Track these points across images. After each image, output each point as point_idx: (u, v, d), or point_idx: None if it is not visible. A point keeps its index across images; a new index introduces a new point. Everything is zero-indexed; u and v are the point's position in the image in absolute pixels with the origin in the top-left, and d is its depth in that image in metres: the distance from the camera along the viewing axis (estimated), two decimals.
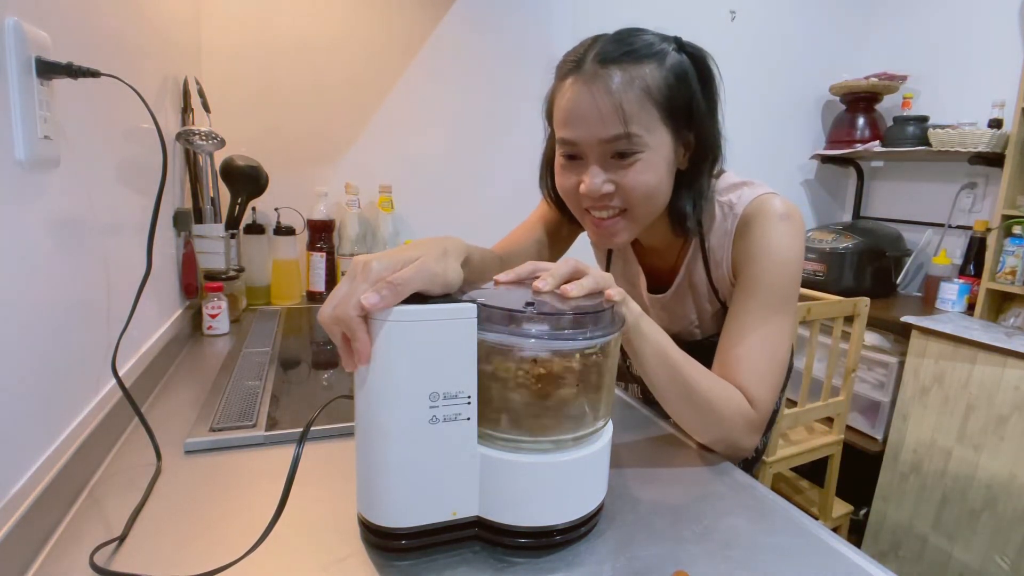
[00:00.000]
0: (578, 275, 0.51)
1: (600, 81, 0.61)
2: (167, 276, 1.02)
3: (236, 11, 1.39)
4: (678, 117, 0.64)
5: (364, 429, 0.46)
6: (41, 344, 0.52)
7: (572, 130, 0.63)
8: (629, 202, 0.65)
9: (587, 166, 0.64)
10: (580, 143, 0.64)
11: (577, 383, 0.47)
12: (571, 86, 0.63)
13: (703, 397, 0.61)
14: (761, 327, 0.65)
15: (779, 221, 0.66)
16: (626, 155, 0.63)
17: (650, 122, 0.62)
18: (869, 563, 0.49)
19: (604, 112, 0.61)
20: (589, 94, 0.61)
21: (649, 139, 0.62)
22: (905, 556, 1.71)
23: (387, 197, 1.52)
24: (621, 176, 0.63)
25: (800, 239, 0.67)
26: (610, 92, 0.60)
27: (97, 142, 0.68)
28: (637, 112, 0.61)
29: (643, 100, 0.61)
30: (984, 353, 1.53)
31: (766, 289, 0.66)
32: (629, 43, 0.63)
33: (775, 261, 0.66)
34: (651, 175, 0.64)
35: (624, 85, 0.61)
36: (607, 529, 0.53)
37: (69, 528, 0.50)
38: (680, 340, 0.86)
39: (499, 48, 1.69)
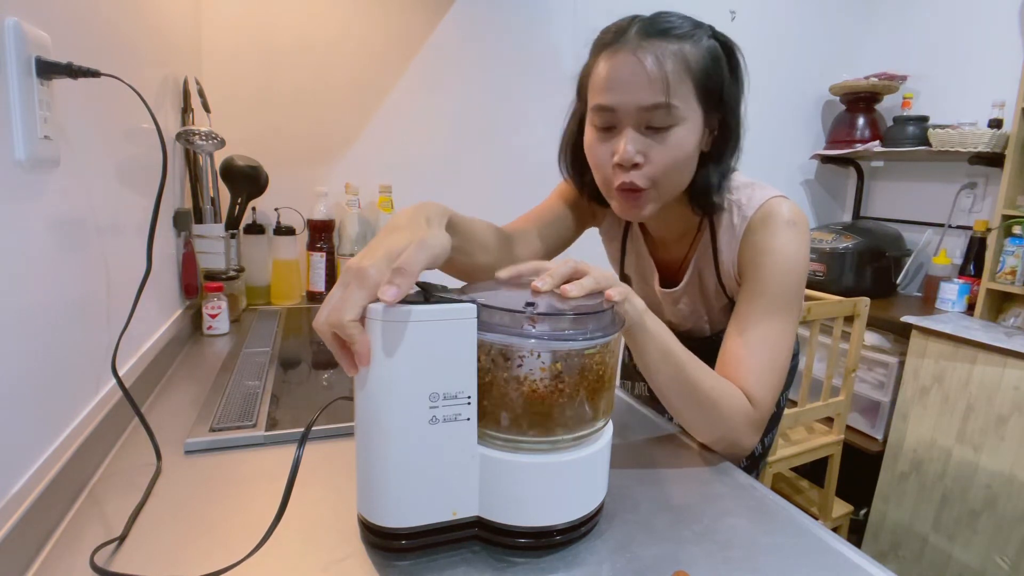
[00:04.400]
0: (578, 275, 0.51)
1: (644, 50, 0.62)
2: (167, 276, 1.02)
3: (236, 11, 1.39)
4: (711, 97, 0.65)
5: (364, 429, 0.46)
6: (41, 344, 0.52)
7: (613, 95, 0.64)
8: (657, 174, 0.66)
9: (621, 137, 0.65)
10: (619, 109, 0.64)
11: (577, 383, 0.47)
12: (614, 54, 0.64)
13: (705, 395, 0.62)
14: (764, 329, 0.66)
15: (786, 227, 0.68)
16: (660, 129, 0.64)
17: (687, 96, 0.64)
18: (869, 563, 0.49)
19: (649, 79, 0.62)
20: (634, 60, 0.63)
21: (685, 113, 0.64)
22: (905, 556, 1.71)
23: (387, 197, 1.52)
24: (654, 147, 0.65)
25: (806, 245, 0.69)
26: (655, 60, 0.62)
27: (97, 142, 0.68)
28: (677, 85, 0.63)
29: (683, 74, 0.63)
30: (984, 353, 1.53)
31: (770, 292, 0.67)
32: (669, 21, 0.65)
33: (780, 265, 0.67)
34: (681, 150, 0.65)
35: (668, 56, 0.62)
36: (607, 529, 0.53)
37: (69, 528, 0.50)
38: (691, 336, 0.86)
39: (499, 48, 1.69)
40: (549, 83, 1.76)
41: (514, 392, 0.46)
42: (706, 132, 0.68)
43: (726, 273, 0.75)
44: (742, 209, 0.71)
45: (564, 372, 0.46)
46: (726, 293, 0.77)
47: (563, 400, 0.46)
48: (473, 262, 0.66)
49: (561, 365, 0.46)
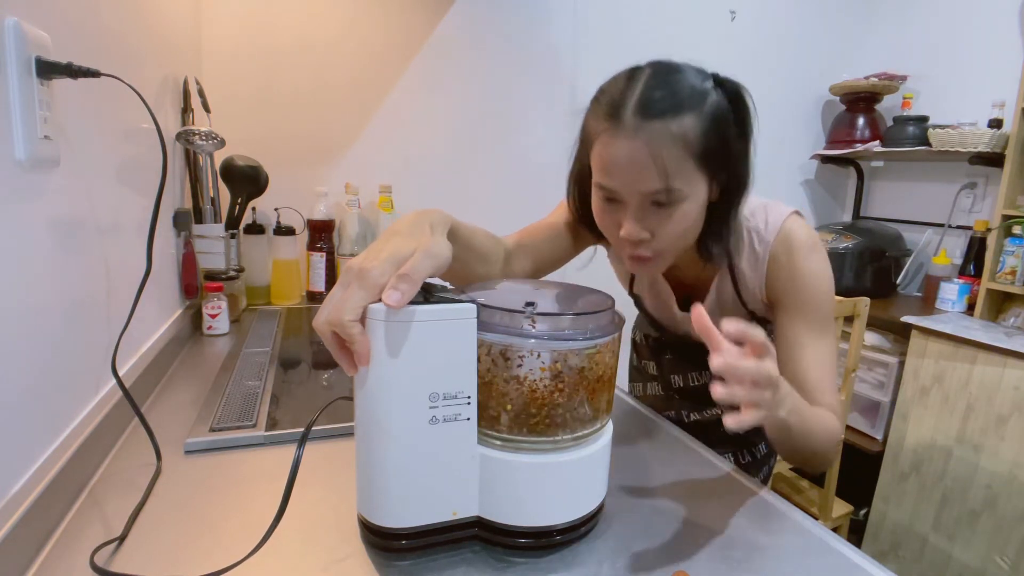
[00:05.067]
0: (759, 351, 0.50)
1: (641, 136, 0.60)
2: (167, 276, 1.02)
3: (236, 11, 1.39)
4: (714, 163, 0.64)
5: (364, 429, 0.46)
6: (41, 344, 0.52)
7: (613, 180, 0.64)
8: (664, 246, 0.67)
9: (626, 210, 0.65)
10: (620, 192, 0.64)
11: (577, 383, 0.47)
12: (611, 139, 0.62)
13: (821, 448, 0.65)
14: (821, 349, 0.71)
15: (810, 251, 0.71)
16: (664, 205, 0.64)
17: (689, 174, 0.63)
18: (869, 563, 0.49)
19: (645, 167, 0.61)
20: (630, 149, 0.61)
21: (687, 190, 0.63)
22: (905, 556, 1.71)
23: (387, 197, 1.52)
24: (658, 224, 0.65)
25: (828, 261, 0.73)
26: (651, 148, 0.60)
27: (97, 142, 0.68)
28: (676, 168, 0.61)
29: (683, 155, 0.61)
30: (984, 353, 1.53)
31: (817, 315, 0.71)
32: (670, 90, 0.62)
33: (818, 288, 0.71)
34: (687, 221, 0.65)
35: (665, 141, 0.60)
36: (607, 529, 0.53)
37: (69, 528, 0.50)
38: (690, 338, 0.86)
39: (499, 48, 1.69)
40: (549, 83, 1.76)
41: (514, 392, 0.46)
42: (713, 188, 0.67)
43: (749, 295, 0.77)
44: (761, 235, 0.73)
45: (564, 372, 0.46)
46: (746, 307, 0.79)
47: (563, 400, 0.46)
48: (469, 272, 0.66)
49: (561, 365, 0.46)
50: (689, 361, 0.93)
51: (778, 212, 0.73)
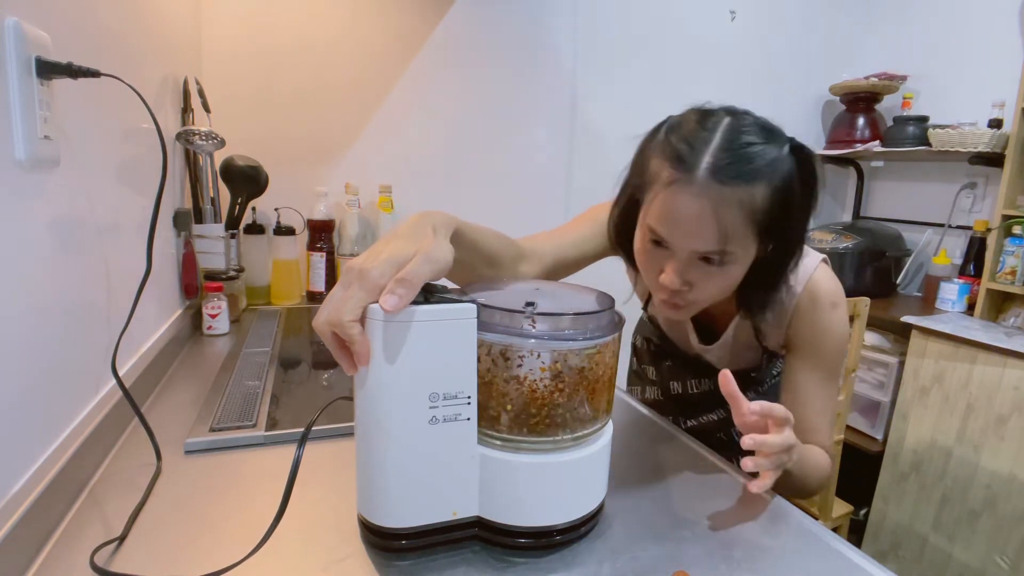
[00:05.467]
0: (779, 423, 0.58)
1: (709, 197, 0.59)
2: (167, 276, 1.02)
3: (236, 11, 1.39)
4: (774, 232, 0.64)
5: (364, 429, 0.46)
6: (41, 344, 0.52)
7: (668, 232, 0.63)
8: (702, 299, 0.66)
9: (671, 258, 0.64)
10: (671, 243, 0.63)
11: (577, 383, 0.47)
12: (677, 190, 0.60)
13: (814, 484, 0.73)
14: (826, 394, 0.76)
15: (834, 308, 0.74)
16: (713, 263, 0.63)
17: (745, 239, 0.62)
18: (869, 563, 0.49)
19: (705, 228, 0.60)
20: (695, 207, 0.59)
21: (739, 254, 0.63)
22: (905, 556, 1.71)
23: (387, 197, 1.52)
24: (701, 278, 0.64)
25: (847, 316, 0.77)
26: (716, 212, 0.59)
27: (97, 142, 0.68)
28: (735, 233, 0.60)
29: (745, 222, 0.60)
30: (984, 353, 1.53)
31: (828, 366, 0.76)
32: (747, 157, 0.59)
33: (834, 344, 0.75)
34: (730, 281, 0.65)
35: (732, 207, 0.59)
36: (607, 529, 0.53)
37: (69, 528, 0.50)
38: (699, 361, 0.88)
39: (500, 48, 1.69)
40: (549, 83, 1.76)
41: (514, 392, 0.46)
42: (765, 249, 0.66)
43: (768, 337, 0.79)
44: (791, 288, 0.73)
45: (564, 372, 0.46)
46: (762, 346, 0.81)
47: (563, 400, 0.46)
48: (476, 274, 0.65)
49: (561, 365, 0.46)
50: (689, 369, 0.93)
51: (808, 261, 0.74)
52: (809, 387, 0.76)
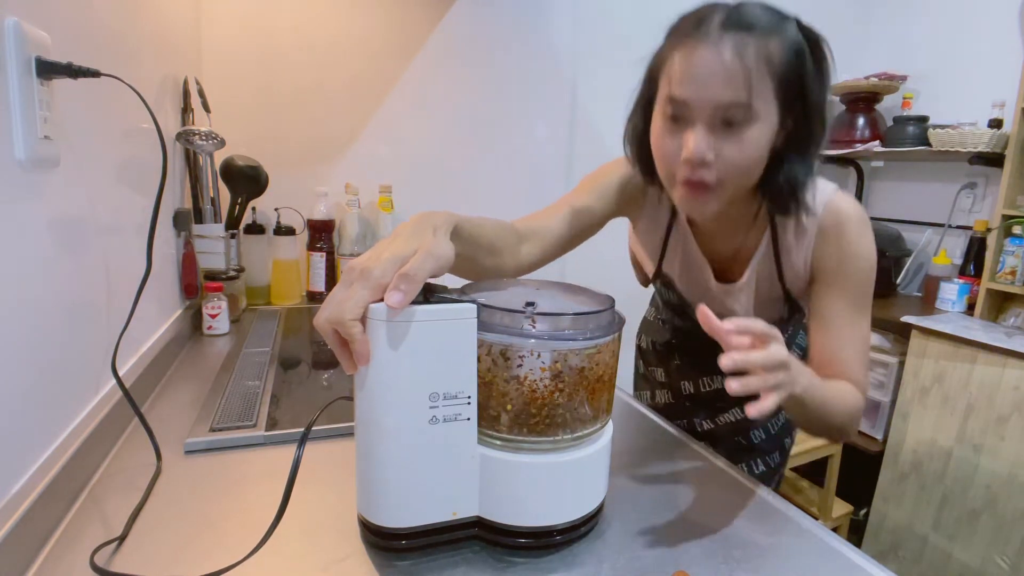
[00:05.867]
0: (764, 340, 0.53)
1: (728, 44, 0.59)
2: (167, 276, 1.02)
3: (236, 11, 1.39)
4: (789, 95, 0.62)
5: (364, 429, 0.46)
6: (41, 344, 0.52)
7: (689, 89, 0.61)
8: (727, 173, 0.63)
9: (692, 129, 0.62)
10: (693, 104, 0.61)
11: (577, 383, 0.47)
12: (694, 47, 0.61)
13: (839, 420, 0.66)
14: (857, 327, 0.71)
15: (860, 227, 0.70)
16: (735, 124, 0.61)
17: (767, 94, 0.61)
18: (869, 563, 0.49)
19: (729, 75, 0.59)
20: (715, 54, 0.59)
21: (762, 111, 0.61)
22: (905, 556, 1.71)
23: (387, 197, 1.52)
24: (726, 145, 0.62)
25: (874, 239, 0.72)
26: (738, 56, 0.59)
27: (97, 142, 0.68)
28: (758, 83, 0.60)
29: (764, 71, 0.60)
30: (984, 353, 1.53)
31: (858, 292, 0.71)
32: (754, 14, 0.61)
33: (863, 267, 0.70)
34: (755, 149, 0.63)
35: (751, 51, 0.59)
36: (607, 529, 0.53)
37: (69, 528, 0.50)
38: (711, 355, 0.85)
39: (500, 47, 1.69)
40: (549, 83, 1.76)
41: (514, 392, 0.46)
42: (780, 130, 0.65)
43: (791, 271, 0.75)
44: (808, 208, 0.70)
45: (564, 372, 0.46)
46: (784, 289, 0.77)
47: (563, 400, 0.46)
48: (479, 266, 0.65)
49: (561, 365, 0.46)
50: (699, 366, 0.92)
51: (824, 186, 0.72)
52: (838, 317, 0.71)
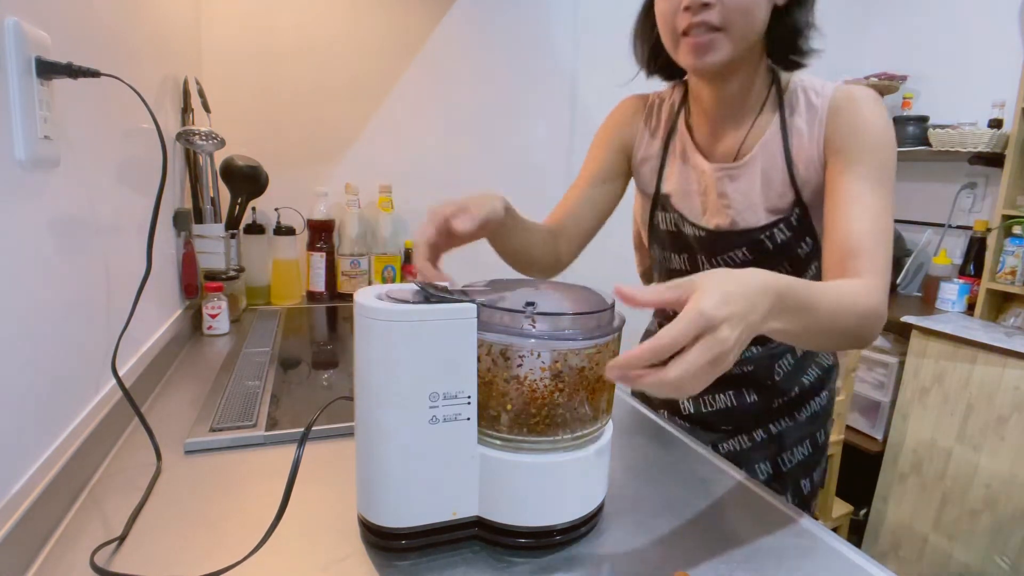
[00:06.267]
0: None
1: None
2: (167, 276, 1.02)
3: (236, 11, 1.39)
4: None
5: (364, 429, 0.46)
6: (41, 344, 0.52)
7: None
8: (729, 13, 0.63)
9: None
10: None
11: (577, 383, 0.47)
12: None
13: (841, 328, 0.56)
14: (872, 205, 0.63)
15: (874, 103, 0.67)
16: None
17: None
18: (869, 563, 0.49)
19: None
20: None
21: None
22: (905, 556, 1.71)
23: (387, 197, 1.52)
24: None
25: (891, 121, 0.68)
26: None
27: (97, 142, 0.68)
28: None
29: None
30: (984, 353, 1.53)
31: (874, 165, 0.65)
32: None
33: (880, 140, 0.65)
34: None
35: None
36: (607, 529, 0.53)
37: (69, 528, 0.50)
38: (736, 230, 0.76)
39: (500, 48, 1.69)
40: (549, 83, 1.76)
41: (514, 392, 0.46)
42: None
43: (803, 156, 0.70)
44: (818, 90, 0.69)
45: (564, 372, 0.46)
46: (793, 179, 0.71)
47: (563, 400, 0.46)
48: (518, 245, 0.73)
49: (561, 365, 0.46)
50: None
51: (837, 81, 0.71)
52: (852, 195, 0.64)
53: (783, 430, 0.84)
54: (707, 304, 0.40)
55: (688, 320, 0.39)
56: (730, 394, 0.85)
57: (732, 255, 0.77)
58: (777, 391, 0.83)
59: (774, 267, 0.67)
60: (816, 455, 0.86)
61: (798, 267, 0.76)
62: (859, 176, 0.64)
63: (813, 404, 0.85)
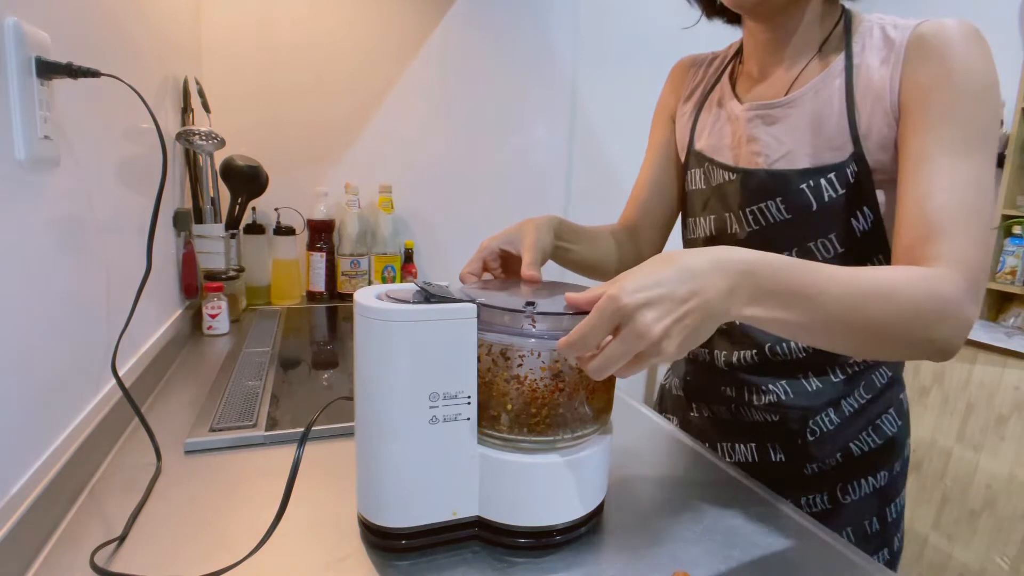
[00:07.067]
0: None
1: None
2: (167, 276, 1.02)
3: (236, 11, 1.39)
4: None
5: (364, 429, 0.46)
6: (41, 344, 0.52)
7: None
8: None
9: None
10: None
11: (577, 383, 0.47)
12: None
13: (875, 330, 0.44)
14: (960, 175, 0.49)
15: (974, 40, 0.52)
16: None
17: None
18: (869, 563, 0.49)
19: None
20: None
21: None
22: (905, 556, 1.71)
23: (387, 197, 1.52)
24: None
25: (995, 65, 0.53)
26: None
27: (97, 142, 0.68)
28: None
29: None
30: (984, 353, 1.53)
31: (965, 122, 0.51)
32: None
33: (977, 86, 0.51)
34: None
35: None
36: (607, 529, 0.53)
37: (69, 528, 0.50)
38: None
39: (500, 47, 1.69)
40: (549, 82, 1.75)
41: (514, 392, 0.46)
42: None
43: (869, 97, 0.56)
44: (898, 27, 0.55)
45: (564, 372, 0.46)
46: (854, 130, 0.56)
47: (563, 400, 0.46)
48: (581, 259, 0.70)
49: (561, 364, 0.46)
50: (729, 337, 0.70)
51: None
52: (935, 161, 0.50)
53: (821, 511, 0.67)
54: (616, 289, 0.38)
55: (597, 308, 0.38)
56: (752, 447, 0.70)
57: (766, 208, 0.61)
58: (809, 454, 0.66)
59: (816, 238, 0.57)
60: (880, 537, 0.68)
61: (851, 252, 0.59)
62: (944, 137, 0.50)
63: (869, 482, 0.66)
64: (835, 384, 0.65)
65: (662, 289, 0.38)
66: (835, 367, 0.65)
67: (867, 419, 0.66)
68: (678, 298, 0.38)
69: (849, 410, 0.66)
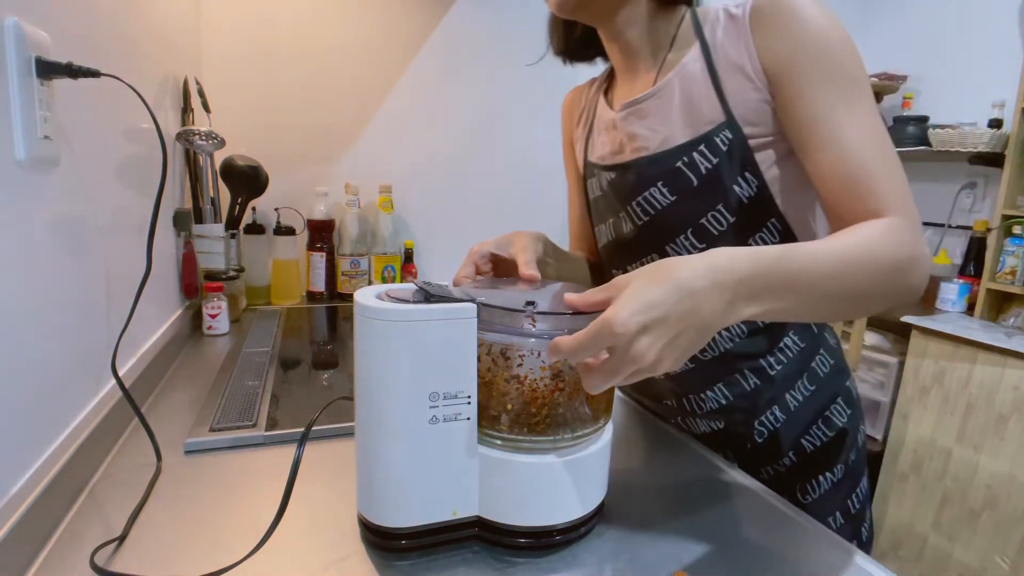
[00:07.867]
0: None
1: None
2: (167, 276, 1.02)
3: (236, 11, 1.39)
4: None
5: (364, 429, 0.46)
6: (41, 344, 0.52)
7: None
8: None
9: None
10: None
11: (577, 383, 0.47)
12: None
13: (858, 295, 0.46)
14: (856, 121, 0.50)
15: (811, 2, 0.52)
16: None
17: None
18: (869, 563, 0.49)
19: None
20: None
21: None
22: (905, 556, 1.71)
23: (387, 197, 1.52)
24: None
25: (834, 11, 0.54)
26: None
27: (97, 142, 0.68)
28: None
29: None
30: (984, 353, 1.53)
31: (836, 76, 0.51)
32: None
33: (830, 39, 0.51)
34: None
35: None
36: (607, 529, 0.53)
37: (69, 528, 0.50)
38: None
39: (500, 48, 1.69)
40: (548, 83, 1.75)
41: (514, 392, 0.46)
42: None
43: (736, 78, 0.56)
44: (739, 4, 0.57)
45: (564, 372, 0.46)
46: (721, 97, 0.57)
47: (563, 400, 0.46)
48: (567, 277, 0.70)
49: (561, 364, 0.46)
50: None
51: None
52: (823, 111, 0.51)
53: None
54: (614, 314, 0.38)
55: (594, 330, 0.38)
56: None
57: (651, 196, 0.62)
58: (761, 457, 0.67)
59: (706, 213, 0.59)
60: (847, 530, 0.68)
61: (741, 220, 0.59)
62: (828, 95, 0.51)
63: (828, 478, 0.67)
64: (772, 378, 0.65)
65: (657, 312, 0.38)
66: (769, 357, 0.65)
67: (814, 411, 0.67)
68: (674, 319, 0.39)
69: (794, 404, 0.66)
